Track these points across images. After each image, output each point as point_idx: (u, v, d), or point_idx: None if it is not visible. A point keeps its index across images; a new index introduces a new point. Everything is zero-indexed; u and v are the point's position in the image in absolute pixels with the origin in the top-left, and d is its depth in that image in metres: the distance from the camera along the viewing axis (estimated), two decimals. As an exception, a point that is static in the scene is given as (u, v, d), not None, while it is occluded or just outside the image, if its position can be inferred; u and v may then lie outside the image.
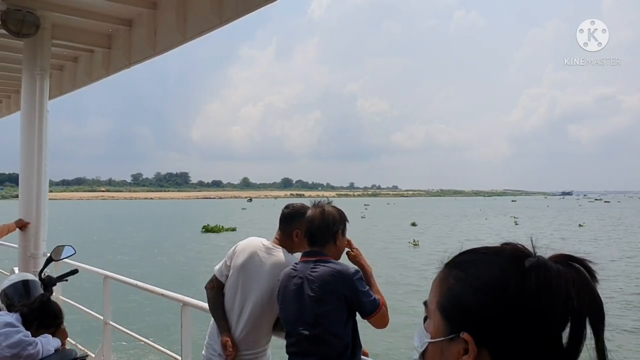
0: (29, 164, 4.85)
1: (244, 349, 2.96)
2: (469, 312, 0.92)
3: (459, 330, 0.92)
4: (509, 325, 0.88)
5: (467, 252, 1.00)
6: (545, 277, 0.88)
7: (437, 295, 0.99)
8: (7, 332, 2.79)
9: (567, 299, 0.87)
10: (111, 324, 4.99)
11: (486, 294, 0.91)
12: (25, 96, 4.88)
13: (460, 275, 0.96)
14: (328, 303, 2.53)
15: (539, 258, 0.92)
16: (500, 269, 0.92)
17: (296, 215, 3.00)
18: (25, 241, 4.89)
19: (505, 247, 0.96)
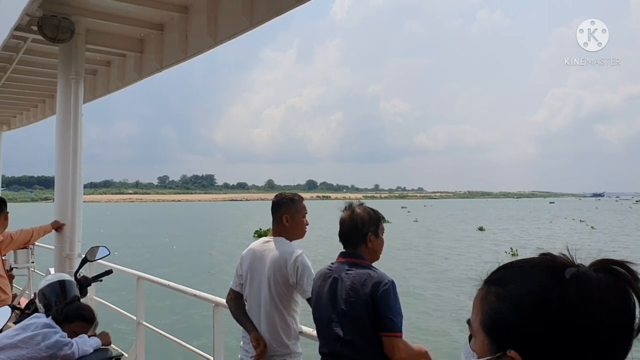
0: (64, 166, 4.95)
1: (271, 349, 3.04)
2: (513, 330, 0.91)
3: (505, 349, 0.91)
4: (554, 340, 0.87)
5: (505, 267, 0.98)
6: (585, 287, 0.87)
7: (479, 313, 0.98)
8: (46, 332, 2.85)
9: (609, 308, 0.85)
10: (144, 324, 5.06)
11: (527, 310, 0.89)
12: (61, 100, 4.98)
13: (500, 292, 0.95)
14: (360, 307, 2.51)
15: (578, 267, 0.90)
16: (539, 283, 0.90)
17: (283, 202, 3.23)
18: (61, 242, 4.98)
19: (543, 259, 0.94)
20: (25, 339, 2.82)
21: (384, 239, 2.76)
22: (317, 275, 2.80)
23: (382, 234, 2.75)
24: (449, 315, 14.87)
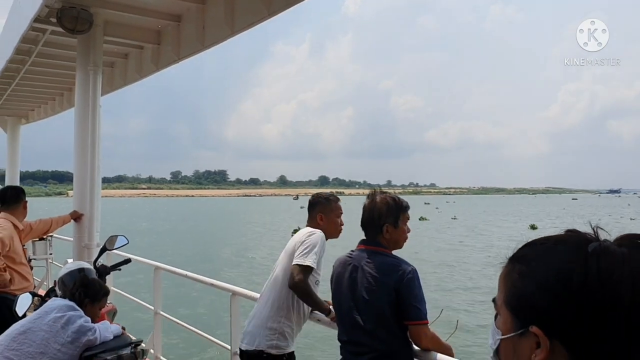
0: (83, 157, 4.99)
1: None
2: (535, 306, 0.90)
3: (527, 325, 0.91)
4: (576, 316, 0.86)
5: (529, 245, 0.98)
6: (607, 261, 0.86)
7: (503, 291, 0.98)
8: (70, 316, 2.89)
9: (634, 284, 0.83)
10: (161, 314, 5.10)
11: (549, 286, 0.89)
12: (79, 91, 5.02)
13: (523, 270, 0.94)
14: (380, 295, 2.52)
15: (601, 242, 0.89)
16: (562, 259, 0.90)
17: (318, 201, 3.29)
18: (79, 232, 5.03)
19: (567, 235, 0.94)
20: (50, 321, 2.86)
21: (406, 228, 2.75)
22: (336, 263, 2.82)
23: (405, 223, 2.74)
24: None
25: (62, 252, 8.29)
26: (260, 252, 28.32)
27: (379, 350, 2.50)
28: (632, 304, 0.83)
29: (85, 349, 2.87)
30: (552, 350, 0.89)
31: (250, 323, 3.14)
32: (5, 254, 4.23)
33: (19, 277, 4.39)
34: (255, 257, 26.12)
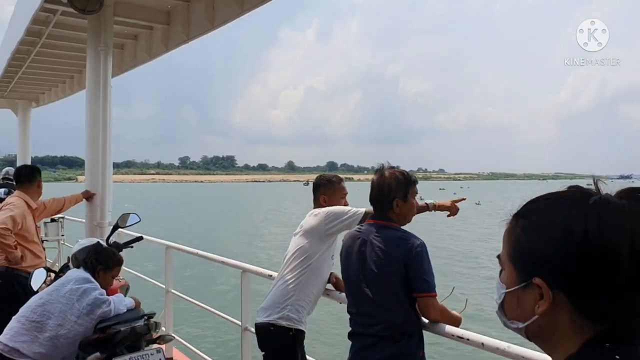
0: (94, 137, 5.05)
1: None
2: (537, 259, 0.93)
3: (530, 278, 0.93)
4: (577, 268, 0.88)
5: (532, 201, 1.00)
6: (608, 214, 0.88)
7: (507, 246, 1.01)
8: (85, 288, 2.96)
9: (633, 234, 0.86)
10: (173, 292, 5.17)
11: (551, 238, 0.91)
12: (90, 71, 5.06)
13: (526, 224, 0.97)
14: (389, 267, 2.54)
15: (601, 196, 0.91)
16: (564, 213, 0.92)
17: (321, 183, 3.29)
18: (91, 211, 5.10)
19: (569, 191, 0.96)
20: (67, 293, 2.93)
21: (415, 202, 2.77)
22: (346, 237, 2.84)
23: (414, 197, 2.76)
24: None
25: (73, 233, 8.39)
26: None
27: (387, 321, 2.53)
28: (631, 254, 0.85)
29: (100, 321, 2.93)
30: (555, 301, 0.92)
31: (265, 299, 3.18)
32: (17, 232, 4.30)
33: (30, 255, 4.46)
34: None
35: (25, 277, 4.20)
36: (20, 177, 4.73)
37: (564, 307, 0.92)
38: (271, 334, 3.03)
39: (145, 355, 2.86)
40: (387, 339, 2.51)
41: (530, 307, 0.96)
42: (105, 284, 3.16)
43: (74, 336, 2.88)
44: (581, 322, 0.91)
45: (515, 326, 1.01)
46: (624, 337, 0.89)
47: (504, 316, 1.04)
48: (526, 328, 0.98)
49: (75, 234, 7.76)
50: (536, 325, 0.96)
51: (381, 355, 2.51)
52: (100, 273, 3.12)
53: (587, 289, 0.89)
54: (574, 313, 0.91)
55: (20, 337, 2.89)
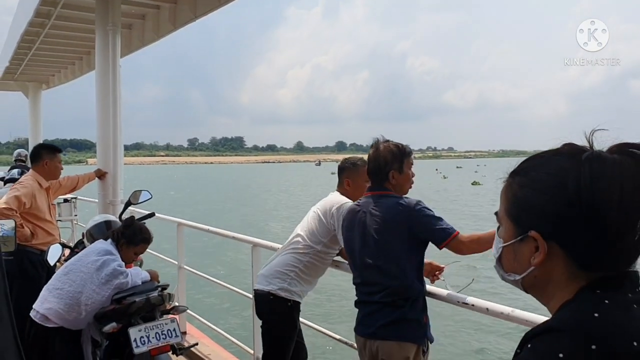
0: (105, 117, 5.11)
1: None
2: (533, 212, 0.98)
3: (526, 231, 0.98)
4: (570, 218, 0.93)
5: (528, 159, 1.05)
6: (598, 166, 0.92)
7: (504, 202, 1.05)
8: (105, 259, 3.07)
9: (622, 185, 0.90)
10: (185, 268, 5.27)
11: (547, 192, 0.96)
12: (99, 51, 5.11)
13: (523, 180, 1.01)
14: (389, 233, 2.61)
15: (593, 150, 0.96)
16: (559, 167, 0.96)
17: (345, 167, 3.27)
18: (104, 190, 5.20)
19: (563, 147, 1.00)
20: (89, 263, 3.05)
21: (410, 173, 2.82)
22: (345, 211, 2.91)
23: (409, 168, 2.81)
24: None
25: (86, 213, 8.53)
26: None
27: (390, 287, 2.59)
28: (620, 203, 0.90)
29: (116, 292, 3.03)
30: (549, 252, 0.97)
31: (266, 267, 3.25)
32: (26, 211, 4.36)
33: (43, 233, 4.52)
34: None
35: (36, 254, 4.31)
36: (30, 158, 4.82)
37: (558, 258, 0.97)
38: (270, 302, 3.10)
39: (159, 325, 2.95)
40: (390, 305, 2.58)
41: (526, 259, 1.01)
42: (127, 258, 3.25)
43: (92, 304, 3.00)
44: (575, 272, 0.96)
45: (513, 278, 1.06)
46: (614, 283, 0.94)
47: (501, 270, 1.10)
48: (523, 280, 1.04)
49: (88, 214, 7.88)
50: (532, 276, 1.01)
51: (385, 320, 2.58)
52: (123, 247, 3.22)
53: (580, 238, 0.94)
54: (567, 263, 0.97)
55: (48, 304, 3.05)
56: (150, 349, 2.86)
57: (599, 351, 0.83)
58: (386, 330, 2.58)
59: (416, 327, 2.59)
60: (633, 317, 0.89)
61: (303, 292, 3.17)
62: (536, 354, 0.91)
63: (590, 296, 0.93)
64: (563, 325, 0.91)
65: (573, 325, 0.89)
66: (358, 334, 2.76)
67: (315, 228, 3.15)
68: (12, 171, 7.26)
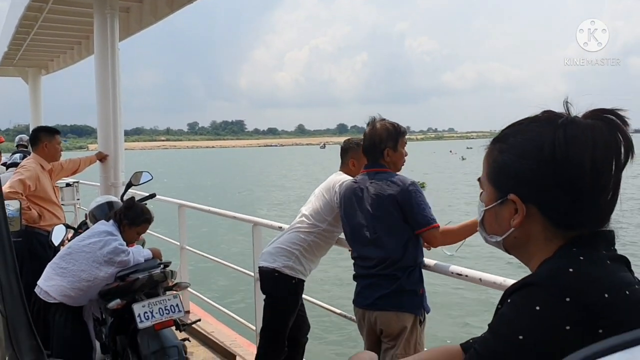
0: (105, 99, 5.15)
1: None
2: (512, 176, 1.04)
3: (506, 194, 1.04)
4: (546, 180, 0.99)
5: (508, 126, 1.10)
6: (573, 130, 0.97)
7: (486, 168, 1.12)
8: (106, 239, 3.14)
9: (594, 147, 0.95)
10: (187, 248, 5.35)
11: (524, 156, 1.02)
12: (98, 34, 5.13)
13: (503, 147, 1.07)
14: (385, 208, 2.68)
15: (569, 116, 1.01)
16: (536, 133, 1.02)
17: (350, 147, 3.31)
18: (105, 172, 5.26)
19: (541, 114, 1.05)
20: (90, 244, 3.13)
21: (404, 152, 2.89)
22: (343, 188, 2.98)
23: (403, 147, 2.88)
24: None
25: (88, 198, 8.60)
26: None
27: (386, 259, 2.66)
28: (593, 165, 0.96)
29: (119, 270, 3.11)
30: (528, 214, 1.04)
31: (271, 245, 3.30)
32: (31, 194, 4.43)
33: (49, 214, 4.60)
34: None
35: (44, 235, 4.39)
36: (30, 141, 4.87)
37: (536, 219, 1.03)
38: (275, 279, 3.16)
39: (163, 301, 3.02)
40: (388, 277, 2.65)
41: (506, 221, 1.07)
42: (129, 238, 3.33)
43: (94, 280, 3.09)
44: (552, 232, 1.02)
45: (494, 240, 1.12)
46: (589, 241, 1.00)
47: (484, 232, 1.16)
48: (504, 241, 1.10)
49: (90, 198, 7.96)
50: (512, 237, 1.08)
51: (383, 292, 2.65)
52: (126, 227, 3.28)
53: (556, 200, 1.00)
54: (545, 224, 1.03)
55: (51, 281, 3.15)
56: (154, 323, 2.94)
57: (573, 303, 0.89)
58: (384, 301, 2.66)
59: (413, 298, 2.67)
60: (606, 272, 0.95)
61: (307, 270, 3.23)
62: (515, 307, 0.97)
63: (566, 253, 0.99)
64: (540, 280, 0.97)
65: (549, 280, 0.95)
66: (357, 306, 2.84)
67: (320, 207, 3.20)
68: (14, 156, 7.33)
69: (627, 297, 0.92)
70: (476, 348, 1.01)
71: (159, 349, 2.88)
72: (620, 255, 1.01)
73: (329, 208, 3.16)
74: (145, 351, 2.89)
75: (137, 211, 3.36)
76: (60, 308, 3.14)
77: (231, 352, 4.26)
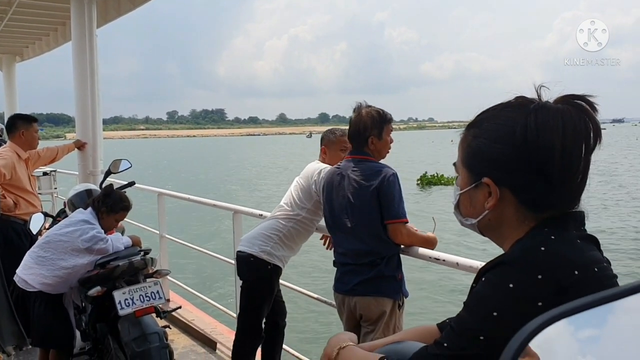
0: (83, 87, 5.09)
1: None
2: (486, 160, 1.07)
3: (481, 178, 1.08)
4: (519, 163, 1.03)
5: (482, 112, 1.13)
6: (544, 115, 1.01)
7: (461, 153, 1.15)
8: (84, 228, 3.12)
9: (564, 132, 0.99)
10: (167, 237, 5.33)
11: (497, 141, 1.05)
12: (75, 21, 5.07)
13: (476, 132, 1.11)
14: (365, 197, 2.70)
15: (540, 101, 1.05)
16: (508, 118, 1.05)
17: (324, 136, 3.35)
18: (84, 160, 5.21)
19: (514, 100, 1.08)
20: (68, 233, 3.11)
21: (389, 139, 2.89)
22: (326, 174, 2.99)
23: (388, 135, 2.89)
24: None
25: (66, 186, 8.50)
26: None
27: (364, 249, 2.70)
28: (563, 148, 1.00)
29: (100, 257, 3.10)
30: (501, 196, 1.07)
31: (253, 230, 3.32)
32: (6, 183, 4.35)
33: (25, 203, 4.52)
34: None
35: (20, 223, 4.34)
36: (6, 129, 4.77)
37: (510, 201, 1.07)
38: (250, 264, 3.17)
39: (143, 287, 3.02)
40: (367, 264, 2.69)
41: (481, 204, 1.11)
42: (107, 225, 3.30)
43: (73, 268, 3.08)
44: (524, 213, 1.06)
45: (469, 222, 1.16)
46: (560, 222, 1.04)
47: (459, 215, 1.19)
48: (478, 223, 1.14)
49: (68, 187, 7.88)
50: (486, 219, 1.11)
51: (363, 277, 2.69)
52: (104, 215, 3.26)
53: (528, 182, 1.04)
54: (518, 206, 1.06)
55: (30, 270, 3.13)
56: (135, 310, 2.93)
57: (545, 280, 0.93)
58: (363, 287, 2.70)
59: (392, 283, 2.71)
60: (576, 250, 0.99)
61: (285, 257, 3.24)
62: (489, 285, 1.01)
63: (538, 233, 1.03)
64: (513, 259, 1.01)
65: (522, 259, 0.99)
66: (337, 291, 2.88)
67: (298, 195, 3.22)
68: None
69: (595, 273, 0.96)
70: (452, 325, 1.04)
71: (139, 336, 2.87)
72: (590, 234, 1.06)
73: (307, 196, 3.18)
74: (126, 338, 2.89)
75: (115, 199, 3.34)
76: (39, 296, 3.12)
77: (212, 339, 4.27)
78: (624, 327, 0.58)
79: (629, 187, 24.72)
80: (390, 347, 1.29)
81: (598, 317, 0.58)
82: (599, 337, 0.58)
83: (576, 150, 1.00)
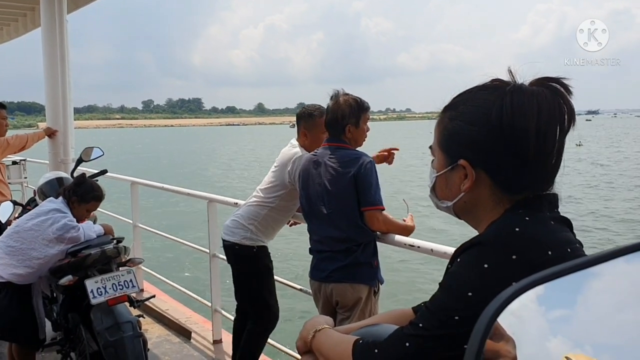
0: (53, 73, 4.97)
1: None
2: (462, 142, 1.07)
3: (457, 160, 1.08)
4: (494, 145, 1.03)
5: (458, 94, 1.13)
6: (519, 97, 1.01)
7: (437, 135, 1.15)
8: (55, 217, 3.05)
9: (539, 114, 0.99)
10: (140, 226, 5.27)
11: (473, 123, 1.05)
12: (44, 6, 4.93)
13: (452, 114, 1.10)
14: (342, 184, 2.70)
15: (516, 84, 1.05)
16: (484, 100, 1.05)
17: (301, 116, 3.25)
18: (54, 148, 5.09)
19: (490, 82, 1.08)
20: (38, 222, 3.03)
21: (366, 128, 2.88)
22: (303, 160, 2.97)
23: (365, 123, 2.87)
24: None
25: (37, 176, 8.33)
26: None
27: (342, 235, 2.70)
28: (538, 130, 1.00)
29: (72, 246, 3.03)
30: (477, 178, 1.07)
31: (231, 217, 3.31)
32: None
33: None
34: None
35: None
36: None
37: (485, 184, 1.07)
38: (236, 252, 3.24)
39: (116, 276, 2.97)
40: (343, 251, 2.69)
41: (456, 187, 1.10)
42: (79, 215, 3.22)
43: (44, 257, 3.00)
44: (500, 196, 1.06)
45: (445, 205, 1.16)
46: (535, 204, 1.04)
47: (435, 198, 1.19)
48: (454, 205, 1.14)
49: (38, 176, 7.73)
50: (462, 202, 1.11)
51: (339, 264, 2.70)
52: (75, 204, 3.19)
53: (503, 164, 1.04)
54: (493, 188, 1.07)
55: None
56: (108, 299, 2.88)
57: (519, 260, 0.94)
58: (340, 274, 2.70)
59: (368, 270, 2.72)
60: (549, 231, 1.00)
61: (266, 237, 3.28)
62: (464, 265, 1.01)
63: (512, 215, 1.03)
64: (488, 239, 1.01)
65: (496, 239, 1.00)
66: (313, 279, 2.88)
67: (273, 181, 3.21)
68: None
69: (568, 254, 0.97)
70: (427, 305, 1.05)
71: (112, 325, 2.83)
72: (563, 216, 1.07)
73: (282, 182, 3.17)
74: (99, 327, 2.84)
75: (87, 187, 3.27)
76: (6, 287, 3.04)
77: (186, 328, 4.25)
78: (594, 298, 0.58)
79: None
80: (366, 329, 1.30)
81: (568, 287, 0.58)
82: (570, 307, 0.58)
83: (551, 132, 1.01)
